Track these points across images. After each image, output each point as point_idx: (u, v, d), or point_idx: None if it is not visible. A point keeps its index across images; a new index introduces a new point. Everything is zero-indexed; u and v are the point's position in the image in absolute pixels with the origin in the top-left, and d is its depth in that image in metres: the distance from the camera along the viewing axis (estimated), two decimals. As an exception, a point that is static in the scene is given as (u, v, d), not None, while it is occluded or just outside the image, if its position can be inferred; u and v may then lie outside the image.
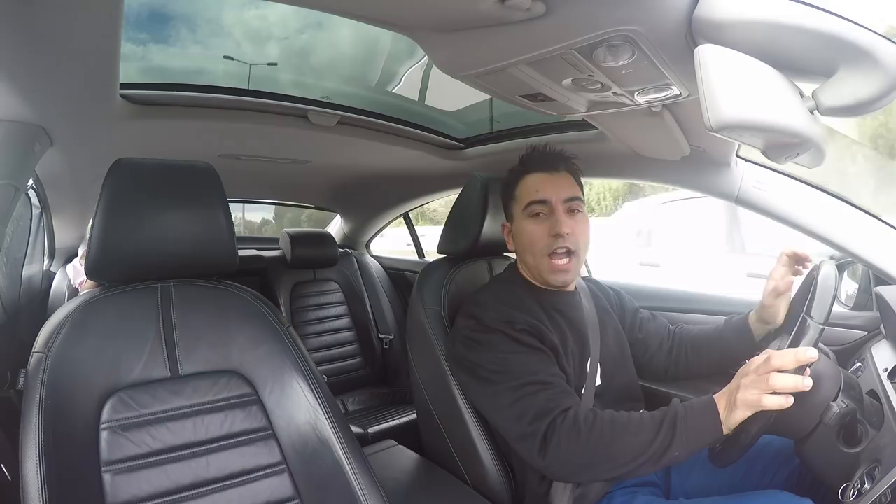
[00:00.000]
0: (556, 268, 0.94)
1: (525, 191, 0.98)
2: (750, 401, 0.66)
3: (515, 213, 1.00)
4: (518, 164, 1.02)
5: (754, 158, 1.08)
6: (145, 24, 1.09)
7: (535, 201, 0.95)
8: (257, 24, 1.17)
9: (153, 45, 1.12)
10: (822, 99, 0.57)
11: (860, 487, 0.64)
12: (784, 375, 0.64)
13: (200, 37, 1.16)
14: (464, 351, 0.93)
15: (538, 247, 0.95)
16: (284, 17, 1.17)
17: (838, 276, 0.75)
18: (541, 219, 0.95)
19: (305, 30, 1.22)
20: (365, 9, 0.68)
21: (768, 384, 0.64)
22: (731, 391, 0.70)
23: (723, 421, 0.69)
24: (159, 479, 0.74)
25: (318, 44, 1.25)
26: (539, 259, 0.95)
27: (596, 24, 0.60)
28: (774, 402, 0.64)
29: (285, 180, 1.96)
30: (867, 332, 1.02)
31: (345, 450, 0.82)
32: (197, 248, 0.85)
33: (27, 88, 0.81)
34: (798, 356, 0.64)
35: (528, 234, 0.96)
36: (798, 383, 0.63)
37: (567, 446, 0.76)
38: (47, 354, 0.72)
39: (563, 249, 0.93)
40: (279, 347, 0.87)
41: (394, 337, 2.17)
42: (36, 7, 0.62)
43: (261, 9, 1.14)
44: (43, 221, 1.50)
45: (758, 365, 0.67)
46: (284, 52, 1.25)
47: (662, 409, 0.75)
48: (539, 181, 0.97)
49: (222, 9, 1.16)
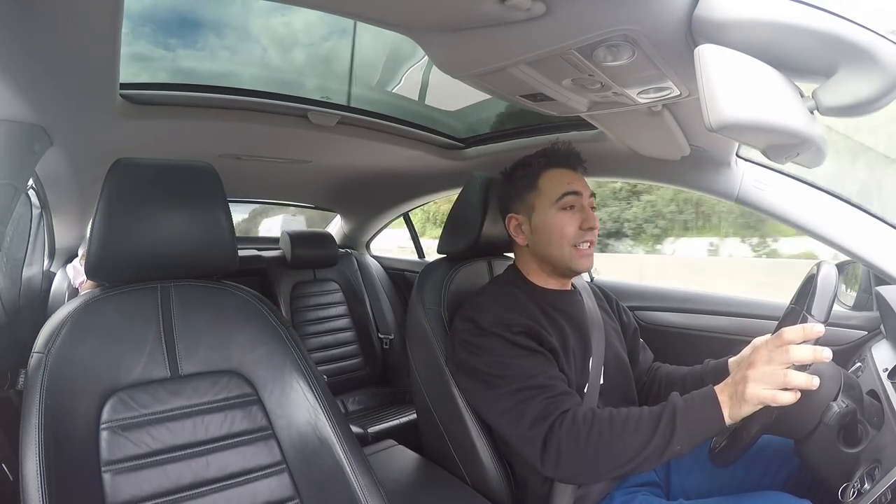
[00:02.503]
0: (582, 253, 0.96)
1: (555, 183, 0.98)
2: (762, 396, 0.65)
3: (538, 204, 0.99)
4: (541, 156, 1.02)
5: (754, 158, 1.09)
6: (174, 30, 1.12)
7: (570, 192, 0.96)
8: (283, 31, 1.19)
9: (182, 50, 1.15)
10: (822, 99, 0.57)
11: (860, 487, 0.64)
12: (799, 373, 0.63)
13: (229, 42, 1.18)
14: (462, 354, 0.93)
15: (568, 238, 0.96)
16: (309, 23, 1.20)
17: (838, 275, 0.75)
18: (573, 211, 0.97)
19: (330, 37, 1.24)
20: (365, 9, 0.68)
21: (784, 380, 0.63)
22: (735, 384, 0.69)
23: (727, 413, 0.69)
24: (159, 479, 0.74)
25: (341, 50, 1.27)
26: (567, 249, 0.96)
27: (596, 24, 0.60)
28: (787, 398, 0.64)
29: (285, 180, 1.96)
30: (867, 332, 1.02)
31: (345, 450, 0.82)
32: (197, 249, 0.85)
33: (27, 88, 0.81)
34: (816, 352, 0.63)
35: (558, 225, 0.96)
36: (811, 383, 0.63)
37: (568, 449, 0.76)
38: (47, 354, 0.72)
39: (589, 243, 0.96)
40: (279, 347, 0.87)
41: (394, 337, 2.17)
42: (36, 7, 0.62)
43: (286, 16, 1.16)
44: (43, 221, 1.50)
45: (771, 355, 0.66)
46: (310, 57, 1.27)
47: (662, 404, 0.75)
48: (567, 175, 0.99)
49: (248, 15, 1.19)
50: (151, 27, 1.08)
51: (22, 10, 0.62)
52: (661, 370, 1.10)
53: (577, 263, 0.97)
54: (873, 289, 0.99)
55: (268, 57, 1.22)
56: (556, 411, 0.79)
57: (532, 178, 1.00)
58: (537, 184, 1.00)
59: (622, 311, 1.16)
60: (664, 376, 1.08)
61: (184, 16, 1.12)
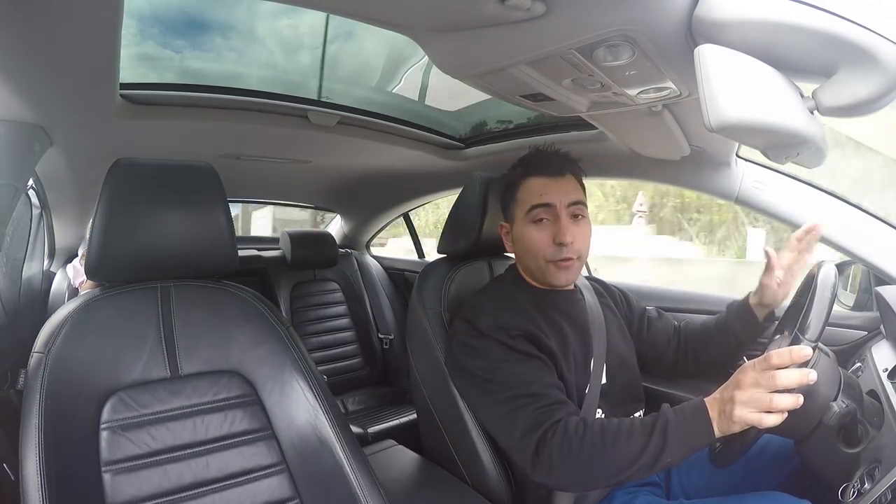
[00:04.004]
0: (560, 266, 0.93)
1: (528, 194, 0.95)
2: (749, 419, 0.65)
3: (517, 215, 0.97)
4: (520, 165, 0.99)
5: (754, 158, 1.09)
6: (183, 31, 1.13)
7: (539, 205, 0.92)
8: (289, 34, 1.20)
9: (190, 52, 1.16)
10: (822, 99, 0.57)
11: (860, 487, 0.64)
12: (785, 396, 0.63)
13: (235, 44, 1.19)
14: (460, 356, 0.93)
15: (541, 254, 0.93)
16: (315, 26, 1.20)
17: (838, 275, 0.74)
18: (543, 225, 0.93)
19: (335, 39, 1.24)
20: (365, 9, 0.68)
21: (770, 404, 0.63)
22: (724, 401, 0.68)
23: (717, 427, 0.68)
24: (159, 479, 0.74)
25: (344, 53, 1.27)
26: (541, 262, 0.94)
27: (596, 24, 0.60)
28: (773, 420, 0.64)
29: (285, 180, 1.96)
30: (867, 332, 1.02)
31: (345, 450, 0.82)
32: (197, 249, 0.85)
33: (27, 88, 0.81)
34: (802, 376, 0.63)
35: (530, 241, 0.94)
36: (797, 402, 0.63)
37: (559, 459, 0.76)
38: (47, 354, 0.72)
39: (566, 259, 0.92)
40: (279, 347, 0.87)
41: (394, 337, 2.17)
42: (36, 7, 0.62)
43: (292, 18, 1.17)
44: (43, 221, 1.50)
45: (758, 380, 0.65)
46: (317, 60, 1.27)
47: (653, 415, 0.74)
48: (543, 185, 0.94)
49: (255, 18, 1.19)
50: (160, 28, 1.08)
51: (22, 11, 0.62)
52: (690, 329, 1.09)
53: (554, 277, 0.94)
54: (873, 289, 0.99)
55: (274, 58, 1.23)
56: (548, 421, 0.79)
57: (513, 188, 0.98)
58: (516, 194, 0.97)
59: (629, 300, 1.14)
60: (696, 335, 1.08)
61: (192, 17, 1.13)
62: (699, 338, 1.07)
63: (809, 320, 0.67)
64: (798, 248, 0.94)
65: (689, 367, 1.09)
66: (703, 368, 1.09)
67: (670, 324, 1.13)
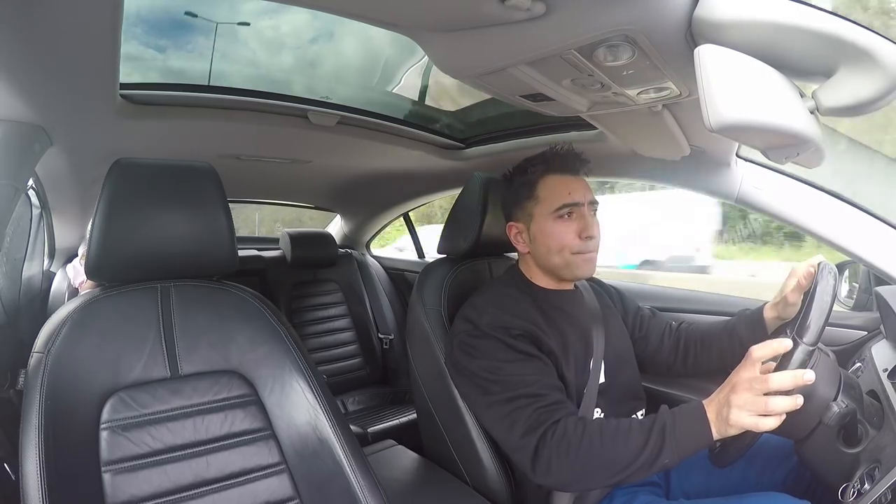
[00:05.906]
0: (585, 258, 0.95)
1: (553, 192, 0.96)
2: (745, 423, 0.65)
3: (536, 213, 0.97)
4: (539, 163, 0.99)
5: (754, 158, 1.09)
6: (166, 31, 1.12)
7: (569, 204, 0.94)
8: (271, 34, 1.19)
9: (173, 52, 1.15)
10: (822, 99, 0.57)
11: (860, 487, 0.64)
12: (781, 399, 0.63)
13: (219, 44, 1.18)
14: (461, 356, 0.93)
15: (567, 248, 0.94)
16: (297, 27, 1.20)
17: (838, 277, 0.74)
18: (568, 220, 0.95)
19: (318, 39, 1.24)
20: (365, 9, 0.68)
21: (765, 407, 0.63)
22: (720, 404, 0.69)
23: (715, 430, 0.68)
24: (159, 479, 0.74)
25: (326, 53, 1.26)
26: (567, 255, 0.95)
27: (596, 24, 0.60)
28: (771, 424, 0.64)
29: (285, 180, 1.96)
30: (867, 332, 1.02)
31: (345, 450, 0.82)
32: (197, 249, 0.85)
33: (27, 88, 0.81)
34: (796, 378, 0.63)
35: (557, 236, 0.95)
36: (795, 404, 0.63)
37: (558, 459, 0.76)
38: (47, 354, 0.72)
39: (590, 252, 0.95)
40: (279, 347, 0.87)
41: (394, 337, 2.17)
42: (36, 7, 0.62)
43: (274, 18, 1.16)
44: (43, 221, 1.50)
45: (751, 383, 0.65)
46: (298, 60, 1.27)
47: (651, 417, 0.75)
48: (567, 183, 0.96)
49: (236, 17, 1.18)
50: (143, 28, 1.07)
51: (22, 10, 0.62)
52: (692, 330, 1.09)
53: (580, 269, 0.96)
54: (873, 289, 0.99)
55: (257, 58, 1.22)
56: (547, 421, 0.79)
57: (531, 187, 0.99)
58: (535, 192, 0.98)
59: (623, 297, 1.15)
60: (698, 337, 1.07)
61: (174, 17, 1.12)
62: (701, 340, 1.07)
63: (809, 321, 0.67)
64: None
65: (687, 367, 1.09)
66: (702, 371, 1.09)
67: (664, 322, 1.13)
